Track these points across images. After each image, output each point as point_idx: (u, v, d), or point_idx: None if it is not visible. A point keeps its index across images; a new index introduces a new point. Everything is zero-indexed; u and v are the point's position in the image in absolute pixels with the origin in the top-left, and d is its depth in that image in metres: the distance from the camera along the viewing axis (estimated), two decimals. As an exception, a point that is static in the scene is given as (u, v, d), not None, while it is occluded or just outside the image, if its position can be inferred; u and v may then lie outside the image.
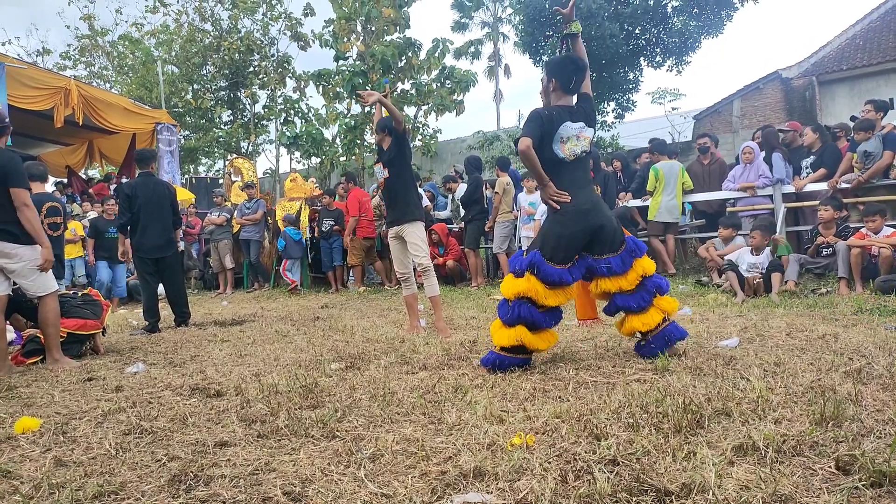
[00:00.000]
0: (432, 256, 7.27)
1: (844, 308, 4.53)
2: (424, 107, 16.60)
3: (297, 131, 17.23)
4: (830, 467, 1.62)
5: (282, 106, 19.69)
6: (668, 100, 15.71)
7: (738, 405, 2.14)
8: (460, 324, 4.89)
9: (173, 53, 19.86)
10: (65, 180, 12.96)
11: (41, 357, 4.20)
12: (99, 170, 14.67)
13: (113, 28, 21.72)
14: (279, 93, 19.75)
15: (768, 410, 2.08)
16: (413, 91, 16.25)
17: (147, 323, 5.66)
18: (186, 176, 17.01)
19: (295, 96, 19.60)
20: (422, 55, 16.08)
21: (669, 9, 14.72)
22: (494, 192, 8.20)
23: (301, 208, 10.14)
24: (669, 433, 1.92)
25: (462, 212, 8.82)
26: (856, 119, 6.90)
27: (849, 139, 6.95)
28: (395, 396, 2.60)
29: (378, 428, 2.20)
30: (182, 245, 10.15)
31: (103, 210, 9.16)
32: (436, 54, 15.98)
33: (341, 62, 16.21)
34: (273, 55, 19.60)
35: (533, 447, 1.88)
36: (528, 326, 2.95)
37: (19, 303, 4.28)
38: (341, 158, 16.91)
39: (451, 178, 9.29)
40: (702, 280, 6.62)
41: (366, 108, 16.34)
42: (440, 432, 2.11)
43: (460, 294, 7.50)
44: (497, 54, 30.09)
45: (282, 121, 19.60)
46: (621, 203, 7.98)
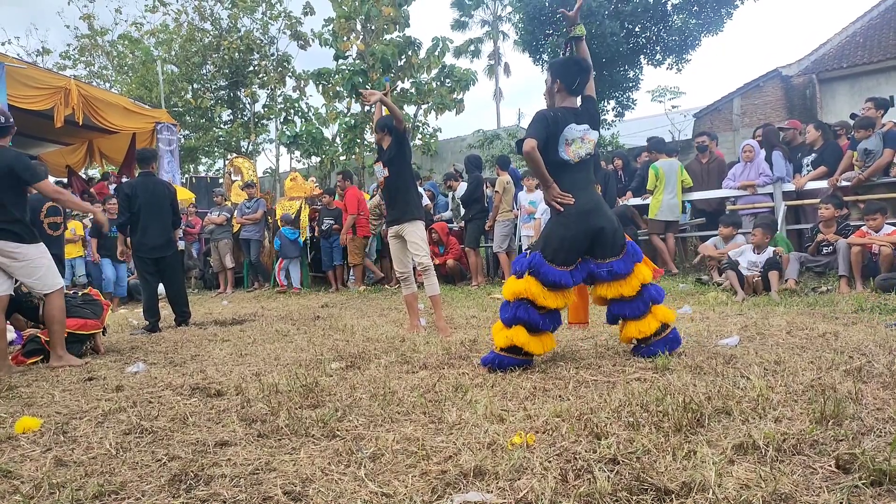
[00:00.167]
0: (432, 255, 7.28)
1: (845, 306, 4.53)
2: (424, 105, 16.60)
3: (297, 130, 17.23)
4: (831, 466, 1.62)
5: (282, 105, 19.69)
6: (669, 98, 15.72)
7: (739, 404, 2.14)
8: (460, 323, 4.89)
9: (173, 53, 19.86)
10: (65, 180, 12.94)
11: (41, 357, 4.21)
12: (99, 169, 14.68)
13: (113, 27, 21.74)
14: (279, 92, 19.75)
15: (768, 409, 2.08)
16: (413, 90, 16.25)
17: (147, 322, 5.67)
18: (186, 175, 17.01)
19: (295, 95, 19.61)
20: (422, 54, 16.08)
21: (669, 7, 14.73)
22: (495, 192, 8.19)
23: (301, 207, 10.14)
24: (670, 432, 1.92)
25: (462, 211, 8.81)
26: (856, 117, 6.89)
27: (849, 137, 6.94)
28: (396, 396, 2.60)
29: (378, 427, 2.20)
30: (182, 244, 10.17)
31: (104, 209, 9.15)
32: (436, 53, 15.97)
33: (341, 61, 16.21)
34: (273, 54, 19.60)
35: (533, 446, 1.88)
36: (527, 327, 2.95)
37: (20, 303, 4.28)
38: (341, 157, 16.91)
39: (453, 177, 9.26)
40: (702, 278, 6.62)
41: (366, 107, 16.34)
42: (440, 431, 2.11)
43: (460, 293, 7.50)
44: (497, 53, 30.05)
45: (282, 120, 19.60)
46: (621, 202, 7.98)
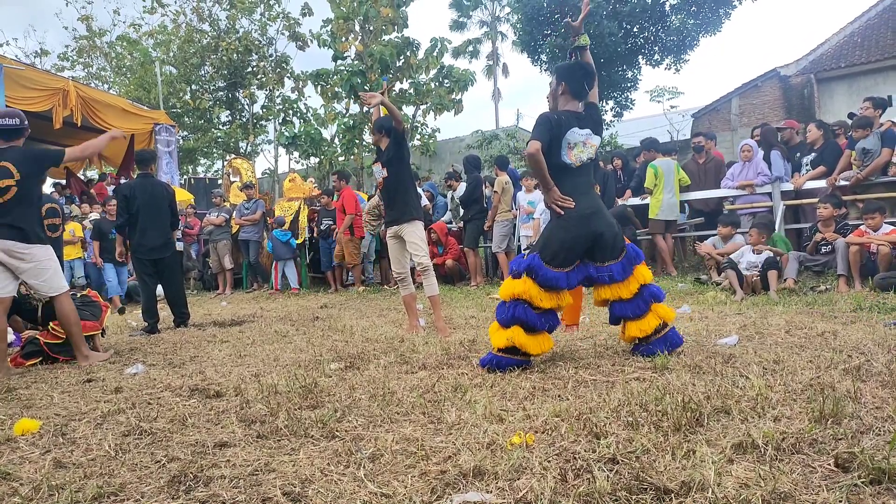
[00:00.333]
0: (431, 256, 7.27)
1: (843, 305, 4.53)
2: (423, 106, 16.60)
3: (296, 131, 17.23)
4: (830, 465, 1.63)
5: (280, 106, 19.69)
6: (667, 98, 15.71)
7: (738, 403, 2.14)
8: (459, 323, 4.89)
9: (171, 54, 19.87)
10: (63, 181, 12.94)
11: (40, 359, 4.20)
12: (97, 171, 14.67)
13: (111, 29, 21.80)
14: (277, 93, 19.76)
15: (767, 408, 2.08)
16: (411, 90, 16.25)
17: (146, 324, 5.67)
18: (185, 176, 17.00)
19: (293, 96, 19.62)
20: (420, 54, 16.09)
21: (668, 7, 14.75)
22: (494, 192, 8.19)
23: (300, 208, 10.14)
24: (669, 431, 1.92)
25: (462, 211, 8.81)
26: (853, 116, 6.90)
27: (847, 137, 6.95)
28: (395, 396, 2.60)
29: (377, 428, 2.20)
30: (181, 246, 10.15)
31: (104, 211, 9.14)
32: (434, 53, 15.98)
33: (339, 62, 16.21)
34: (271, 55, 19.60)
35: (532, 446, 1.88)
36: (524, 327, 2.96)
37: (19, 304, 4.28)
38: (340, 158, 16.91)
39: (453, 176, 9.24)
40: (701, 278, 6.62)
41: (364, 108, 16.34)
42: (440, 432, 2.11)
43: (459, 293, 7.50)
44: (495, 53, 30.06)
45: (280, 121, 19.60)
46: (620, 202, 7.98)
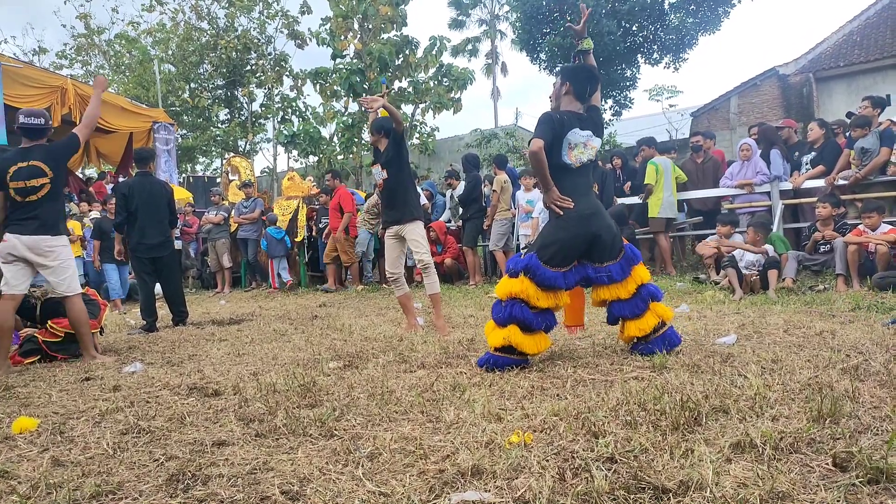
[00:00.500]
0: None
1: (842, 305, 4.54)
2: (422, 105, 16.59)
3: (295, 130, 17.20)
4: (828, 464, 1.63)
5: (279, 104, 19.67)
6: (666, 97, 15.69)
7: (736, 402, 2.14)
8: (458, 322, 4.89)
9: (170, 52, 19.84)
10: (61, 180, 12.89)
11: (38, 357, 4.20)
12: (95, 169, 14.66)
13: (109, 27, 21.75)
14: (276, 91, 19.74)
15: (766, 407, 2.09)
16: (410, 89, 16.24)
17: (145, 322, 5.66)
18: (184, 175, 16.99)
19: (292, 95, 19.60)
20: (419, 53, 16.08)
21: (667, 6, 14.73)
22: (493, 191, 8.19)
23: (299, 207, 10.13)
24: (667, 431, 1.92)
25: (461, 210, 8.80)
26: (851, 115, 6.90)
27: (846, 136, 6.95)
28: (394, 395, 2.60)
29: (376, 427, 2.20)
30: (179, 244, 10.14)
31: (105, 209, 9.10)
32: (433, 52, 15.96)
33: (338, 60, 16.19)
34: (270, 53, 19.58)
35: (531, 445, 1.88)
36: (521, 327, 2.96)
37: (22, 304, 4.26)
38: (339, 157, 16.89)
39: (454, 175, 9.23)
40: (699, 277, 6.63)
41: (363, 107, 16.32)
42: (438, 431, 2.11)
43: (458, 292, 7.50)
44: (494, 52, 30.03)
45: (279, 119, 19.59)
46: (619, 201, 7.98)
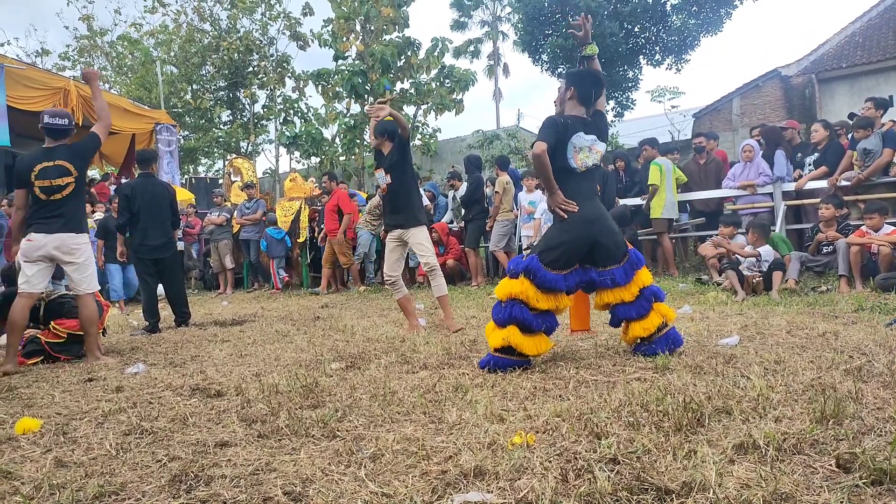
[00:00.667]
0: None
1: (845, 306, 4.53)
2: (424, 106, 16.60)
3: (297, 131, 17.22)
4: (831, 465, 1.62)
5: (281, 106, 19.69)
6: (668, 98, 15.71)
7: (739, 403, 2.14)
8: (460, 323, 4.88)
9: (172, 53, 19.87)
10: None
11: (41, 358, 4.20)
12: (98, 170, 14.68)
13: (112, 28, 21.78)
14: (278, 92, 19.76)
15: (769, 409, 2.08)
16: (412, 90, 16.25)
17: (147, 323, 5.67)
18: (186, 176, 17.01)
19: (294, 96, 19.61)
20: (421, 54, 16.09)
21: (669, 7, 14.73)
22: (495, 192, 8.19)
23: (301, 208, 10.14)
24: (670, 432, 1.92)
25: (463, 211, 8.80)
26: (854, 116, 6.89)
27: (848, 137, 6.94)
28: (396, 396, 2.60)
29: (378, 427, 2.20)
30: (182, 245, 10.14)
31: (108, 209, 9.10)
32: (435, 53, 15.97)
33: (340, 62, 16.20)
34: (272, 55, 19.60)
35: (533, 446, 1.88)
36: (520, 327, 2.96)
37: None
38: (341, 158, 16.91)
39: (456, 176, 9.23)
40: (702, 278, 6.62)
41: (365, 108, 16.34)
42: (441, 431, 2.11)
43: (460, 293, 7.50)
44: (496, 53, 30.07)
45: (281, 121, 19.60)
46: (620, 202, 7.97)
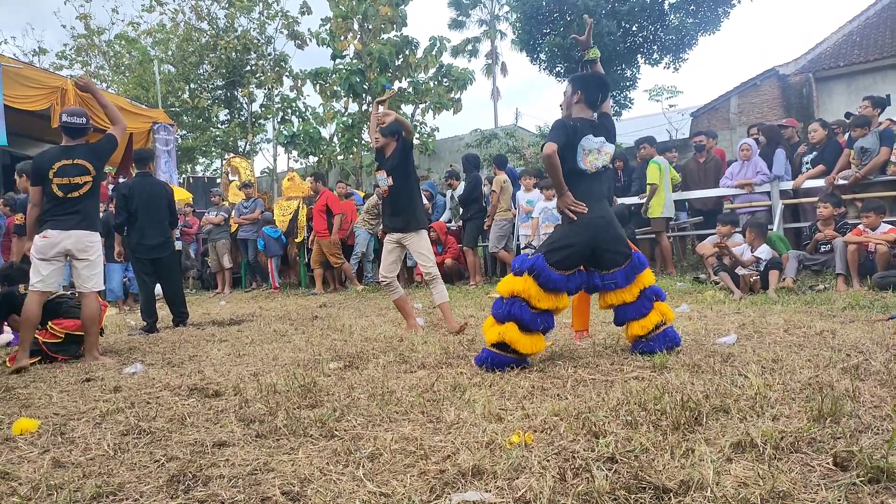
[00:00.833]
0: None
1: (842, 304, 4.54)
2: (422, 105, 16.60)
3: (295, 130, 17.21)
4: (828, 463, 1.63)
5: (279, 105, 19.67)
6: (666, 97, 15.69)
7: (736, 402, 2.14)
8: (458, 322, 4.88)
9: (170, 52, 19.84)
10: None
11: (39, 358, 4.19)
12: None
13: (109, 27, 21.73)
14: (276, 91, 19.74)
15: (766, 407, 2.09)
16: (410, 89, 16.25)
17: (145, 323, 5.66)
18: (184, 175, 16.98)
19: (292, 95, 19.60)
20: (419, 53, 16.09)
21: (666, 6, 14.73)
22: (492, 191, 8.18)
23: (299, 207, 10.13)
24: (668, 430, 1.93)
25: (461, 210, 8.79)
26: (851, 115, 6.90)
27: (846, 135, 6.94)
28: (394, 395, 2.60)
29: (376, 427, 2.20)
30: (180, 245, 10.12)
31: (107, 209, 9.08)
32: (433, 52, 15.97)
33: (338, 61, 16.20)
34: (270, 54, 19.58)
35: (531, 445, 1.88)
36: (519, 325, 2.97)
37: (20, 302, 4.26)
38: (339, 157, 16.90)
39: (454, 175, 9.22)
40: (700, 277, 6.63)
41: (363, 107, 16.34)
42: (439, 431, 2.11)
43: (458, 293, 7.49)
44: (494, 52, 30.03)
45: (279, 120, 19.58)
46: (619, 201, 7.98)
